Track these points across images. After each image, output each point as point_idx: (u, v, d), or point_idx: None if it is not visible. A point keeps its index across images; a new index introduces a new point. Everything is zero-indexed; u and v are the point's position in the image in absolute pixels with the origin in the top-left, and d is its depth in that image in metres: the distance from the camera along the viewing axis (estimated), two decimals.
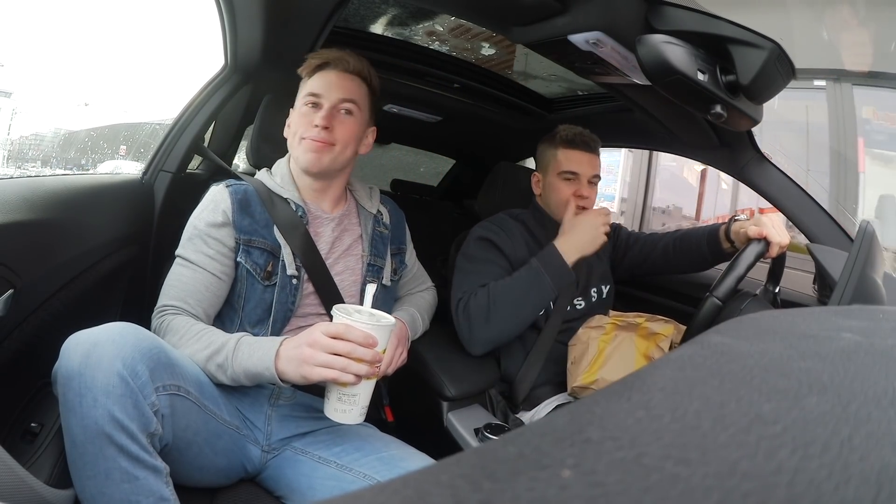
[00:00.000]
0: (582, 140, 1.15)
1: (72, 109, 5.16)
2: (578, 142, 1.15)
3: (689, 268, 1.22)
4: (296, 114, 0.92)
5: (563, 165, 1.15)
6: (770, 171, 1.16)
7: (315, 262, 0.87)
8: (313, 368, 0.69)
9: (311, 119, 0.89)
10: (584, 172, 1.15)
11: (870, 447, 0.14)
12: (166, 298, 0.82)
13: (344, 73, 0.91)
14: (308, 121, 0.89)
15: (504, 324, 1.02)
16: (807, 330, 0.27)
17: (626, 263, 1.30)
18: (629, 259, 1.30)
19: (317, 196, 0.93)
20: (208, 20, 1.06)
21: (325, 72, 0.91)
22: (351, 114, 0.90)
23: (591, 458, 0.14)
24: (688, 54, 0.67)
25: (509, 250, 1.11)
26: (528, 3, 0.73)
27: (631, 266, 1.30)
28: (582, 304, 1.17)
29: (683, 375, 0.20)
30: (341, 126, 0.90)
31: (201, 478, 0.76)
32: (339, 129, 0.89)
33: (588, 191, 1.15)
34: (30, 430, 0.72)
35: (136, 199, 1.14)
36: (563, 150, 1.16)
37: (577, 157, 1.15)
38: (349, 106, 0.90)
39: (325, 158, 0.88)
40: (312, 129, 0.88)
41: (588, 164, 1.15)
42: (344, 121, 0.90)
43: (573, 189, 1.14)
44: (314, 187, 0.93)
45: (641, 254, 1.28)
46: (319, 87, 0.90)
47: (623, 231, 1.35)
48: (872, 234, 0.76)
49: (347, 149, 0.90)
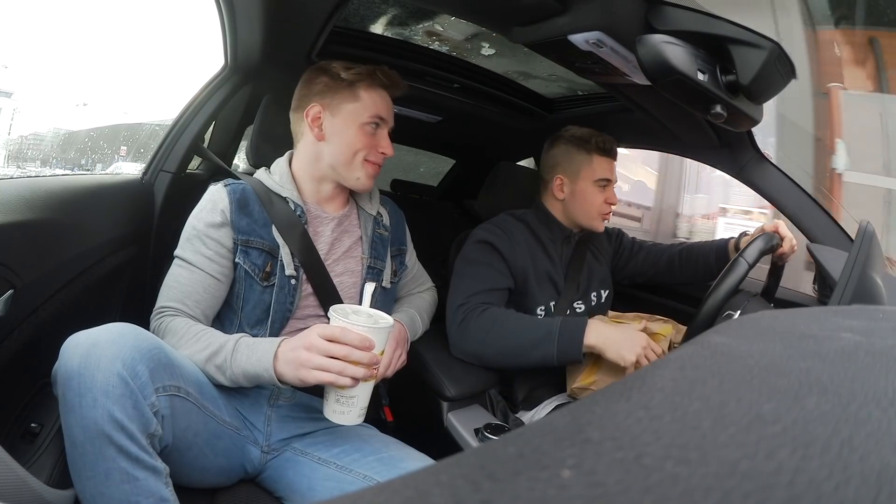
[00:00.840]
0: (609, 145, 1.18)
1: (71, 109, 5.17)
2: (612, 150, 1.19)
3: (693, 279, 1.25)
4: (353, 127, 0.89)
5: (597, 174, 1.16)
6: (770, 171, 1.16)
7: (314, 263, 0.87)
8: (310, 372, 0.69)
9: (375, 142, 0.90)
10: (613, 178, 1.18)
11: (870, 447, 0.14)
12: (165, 300, 0.82)
13: (391, 99, 0.94)
14: (373, 143, 0.90)
15: (493, 355, 1.02)
16: (807, 330, 0.27)
17: (628, 271, 1.32)
18: (631, 267, 1.31)
19: (322, 198, 0.93)
20: (208, 20, 1.06)
21: (384, 92, 0.92)
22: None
23: (591, 458, 0.13)
24: (688, 54, 0.67)
25: (509, 253, 1.11)
26: (528, 3, 0.73)
27: (633, 274, 1.32)
28: (582, 308, 1.17)
29: (683, 375, 0.20)
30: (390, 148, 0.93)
31: (201, 478, 0.76)
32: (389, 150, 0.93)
33: (615, 197, 1.18)
34: (30, 430, 0.72)
35: (136, 200, 1.14)
36: (599, 158, 1.17)
37: (611, 165, 1.19)
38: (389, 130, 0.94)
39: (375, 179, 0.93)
40: (379, 155, 0.90)
41: (613, 170, 1.19)
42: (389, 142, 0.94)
43: (605, 196, 1.17)
44: (326, 192, 0.93)
45: (645, 263, 1.31)
46: (385, 110, 0.91)
47: (626, 238, 1.36)
48: (872, 234, 0.77)
49: None
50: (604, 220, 1.18)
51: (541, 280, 1.13)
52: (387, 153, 0.91)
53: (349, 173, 0.90)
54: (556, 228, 1.19)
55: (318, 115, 0.90)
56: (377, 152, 0.90)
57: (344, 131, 0.89)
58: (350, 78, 0.89)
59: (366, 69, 0.90)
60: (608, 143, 1.18)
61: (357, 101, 0.89)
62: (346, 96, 0.89)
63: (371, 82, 0.90)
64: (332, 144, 0.89)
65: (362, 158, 0.89)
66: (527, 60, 1.30)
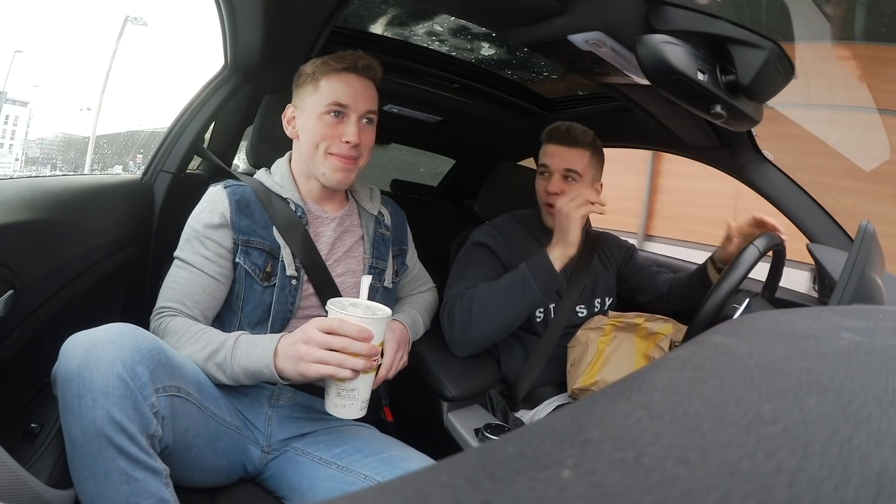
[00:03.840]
0: (556, 132, 1.12)
1: (86, 116, 5.24)
2: (553, 135, 1.12)
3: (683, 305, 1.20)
4: (313, 119, 0.86)
5: (541, 160, 1.14)
6: (770, 171, 1.16)
7: (315, 263, 0.87)
8: (310, 365, 0.69)
9: (337, 131, 0.85)
10: (554, 165, 1.11)
11: (870, 447, 0.14)
12: (164, 300, 0.82)
13: (367, 80, 0.87)
14: (334, 133, 0.85)
15: (485, 326, 1.00)
16: (807, 330, 0.27)
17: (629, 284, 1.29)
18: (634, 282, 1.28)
19: (319, 198, 0.92)
20: (208, 20, 1.06)
21: (348, 76, 0.86)
22: (372, 122, 0.89)
23: (591, 459, 0.13)
24: (688, 54, 0.67)
25: (503, 253, 1.10)
26: (528, 3, 0.73)
27: (632, 289, 1.30)
28: (584, 313, 1.16)
29: (683, 375, 0.20)
30: (367, 137, 0.87)
31: (202, 478, 0.76)
32: (366, 140, 0.87)
33: (558, 186, 1.10)
34: (30, 430, 0.72)
35: (136, 200, 1.14)
36: (546, 146, 1.14)
37: (551, 150, 1.12)
38: (373, 116, 0.88)
39: (353, 174, 0.87)
40: (342, 145, 0.85)
41: (560, 157, 1.10)
42: (367, 131, 0.87)
43: (545, 184, 1.12)
44: (321, 193, 0.92)
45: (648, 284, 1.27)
46: (346, 95, 0.85)
47: (637, 255, 1.33)
48: (872, 234, 0.76)
49: (366, 158, 0.89)
50: (548, 212, 1.11)
51: None
52: (350, 141, 0.84)
53: (316, 168, 0.87)
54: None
55: (292, 115, 0.90)
56: (341, 142, 0.85)
57: (306, 125, 0.87)
58: (311, 70, 0.87)
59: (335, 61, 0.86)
60: (554, 129, 1.12)
61: (317, 91, 0.86)
62: (310, 90, 0.87)
63: (327, 69, 0.86)
64: (301, 141, 0.89)
65: (324, 151, 0.86)
66: None
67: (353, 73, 0.86)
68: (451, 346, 1.06)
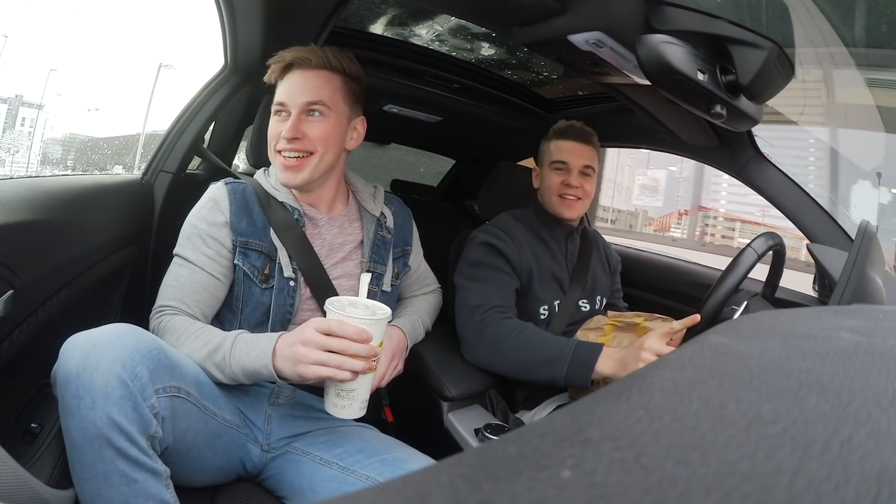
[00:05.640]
0: (573, 130, 1.17)
1: (84, 114, 5.26)
2: (569, 132, 1.17)
3: None
4: (271, 120, 0.87)
5: (553, 155, 1.17)
6: (770, 171, 1.16)
7: (312, 265, 0.86)
8: (308, 367, 0.69)
9: (279, 129, 0.84)
10: (573, 162, 1.16)
11: (870, 447, 0.14)
12: (164, 298, 0.82)
13: (309, 72, 0.84)
14: (278, 131, 0.84)
15: (503, 363, 1.02)
16: (807, 330, 0.27)
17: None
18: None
19: (316, 200, 0.91)
20: (208, 20, 1.06)
21: (289, 74, 0.85)
22: (322, 114, 0.85)
23: (591, 459, 0.13)
24: (688, 54, 0.67)
25: (514, 256, 1.11)
26: (528, 3, 0.73)
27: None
28: (587, 307, 1.18)
29: (683, 375, 0.20)
30: (315, 130, 0.84)
31: (201, 478, 0.76)
32: (314, 133, 0.84)
33: (577, 180, 1.15)
34: (30, 430, 0.72)
35: (136, 200, 1.14)
36: (555, 141, 1.18)
37: (568, 146, 1.17)
38: (318, 108, 0.84)
39: (304, 173, 0.84)
40: (282, 141, 0.84)
41: (578, 154, 1.16)
42: (315, 123, 0.84)
43: (562, 178, 1.16)
44: (315, 194, 0.91)
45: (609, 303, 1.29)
46: (283, 93, 0.85)
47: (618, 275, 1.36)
48: (872, 234, 0.77)
49: (329, 152, 0.85)
50: (565, 203, 1.15)
51: (545, 279, 1.13)
52: (286, 136, 0.82)
53: (275, 170, 0.87)
54: (555, 226, 1.19)
55: None
56: (282, 140, 0.84)
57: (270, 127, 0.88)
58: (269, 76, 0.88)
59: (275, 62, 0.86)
60: (568, 126, 1.17)
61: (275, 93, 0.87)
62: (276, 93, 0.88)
63: (274, 71, 0.86)
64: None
65: (274, 150, 0.86)
66: None
67: (297, 68, 0.85)
68: (465, 351, 1.07)
